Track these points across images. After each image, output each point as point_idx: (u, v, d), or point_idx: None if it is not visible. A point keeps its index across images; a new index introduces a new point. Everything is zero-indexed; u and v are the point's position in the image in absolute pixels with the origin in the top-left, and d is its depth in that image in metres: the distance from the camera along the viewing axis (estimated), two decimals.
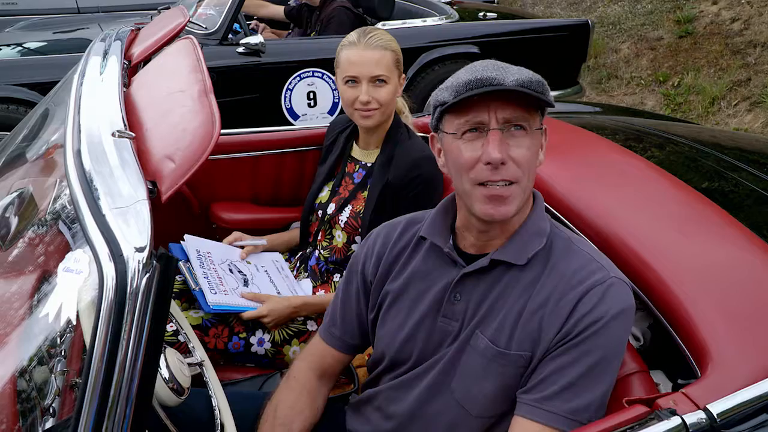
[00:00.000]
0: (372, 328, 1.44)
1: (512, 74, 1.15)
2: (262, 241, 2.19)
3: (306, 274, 2.14)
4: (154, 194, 1.06)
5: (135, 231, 0.96)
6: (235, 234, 2.19)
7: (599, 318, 1.15)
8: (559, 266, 1.22)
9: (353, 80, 1.90)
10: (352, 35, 1.93)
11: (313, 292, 2.06)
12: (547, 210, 1.79)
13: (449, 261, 1.31)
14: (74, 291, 1.05)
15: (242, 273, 2.02)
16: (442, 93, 1.21)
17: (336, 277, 2.07)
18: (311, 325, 1.95)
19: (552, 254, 1.24)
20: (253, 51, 4.13)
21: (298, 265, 2.18)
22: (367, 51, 1.87)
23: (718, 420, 1.14)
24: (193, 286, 1.87)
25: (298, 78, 4.25)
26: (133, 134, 1.20)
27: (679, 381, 1.39)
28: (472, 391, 1.25)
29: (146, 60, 1.83)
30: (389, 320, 1.38)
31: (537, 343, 1.19)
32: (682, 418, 1.12)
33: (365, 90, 1.88)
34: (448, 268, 1.31)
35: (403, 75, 1.99)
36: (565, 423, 1.15)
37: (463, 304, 1.28)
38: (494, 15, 5.00)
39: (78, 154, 1.16)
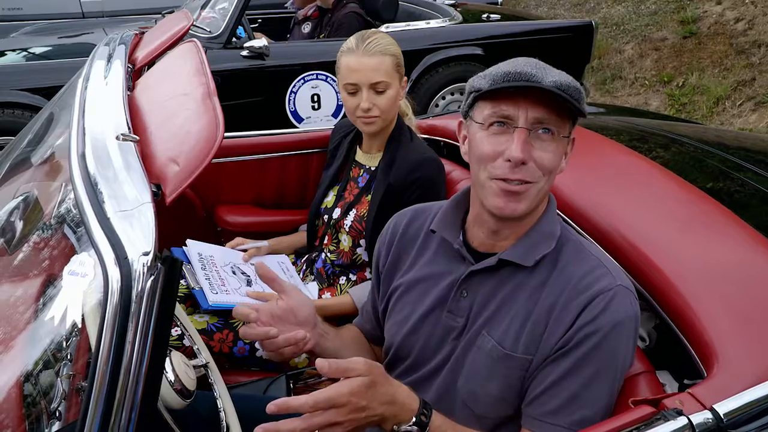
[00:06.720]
0: (383, 320, 1.46)
1: (552, 75, 1.13)
2: (264, 243, 2.19)
3: (312, 277, 2.14)
4: (158, 197, 1.05)
5: (140, 234, 0.96)
6: (237, 239, 2.19)
7: (599, 329, 1.14)
8: (567, 270, 1.21)
9: (353, 87, 1.90)
10: (351, 41, 1.92)
11: (319, 295, 2.05)
12: None
13: (459, 257, 1.31)
14: (79, 294, 1.04)
15: (245, 274, 2.02)
16: (480, 80, 1.19)
17: (342, 280, 2.07)
18: None
19: (561, 258, 1.23)
20: (257, 54, 4.14)
21: (304, 268, 2.18)
22: (365, 57, 1.87)
23: (724, 420, 1.13)
24: (193, 285, 1.87)
25: (301, 81, 4.26)
26: (138, 137, 1.20)
27: (685, 381, 1.38)
28: (476, 392, 1.25)
29: (150, 64, 1.83)
30: (396, 313, 1.40)
31: (539, 347, 1.19)
32: (689, 418, 1.12)
33: (366, 97, 1.88)
34: (456, 264, 1.31)
35: (405, 78, 1.98)
36: None
37: (469, 301, 1.27)
38: (497, 16, 4.99)
39: (83, 157, 1.16)
